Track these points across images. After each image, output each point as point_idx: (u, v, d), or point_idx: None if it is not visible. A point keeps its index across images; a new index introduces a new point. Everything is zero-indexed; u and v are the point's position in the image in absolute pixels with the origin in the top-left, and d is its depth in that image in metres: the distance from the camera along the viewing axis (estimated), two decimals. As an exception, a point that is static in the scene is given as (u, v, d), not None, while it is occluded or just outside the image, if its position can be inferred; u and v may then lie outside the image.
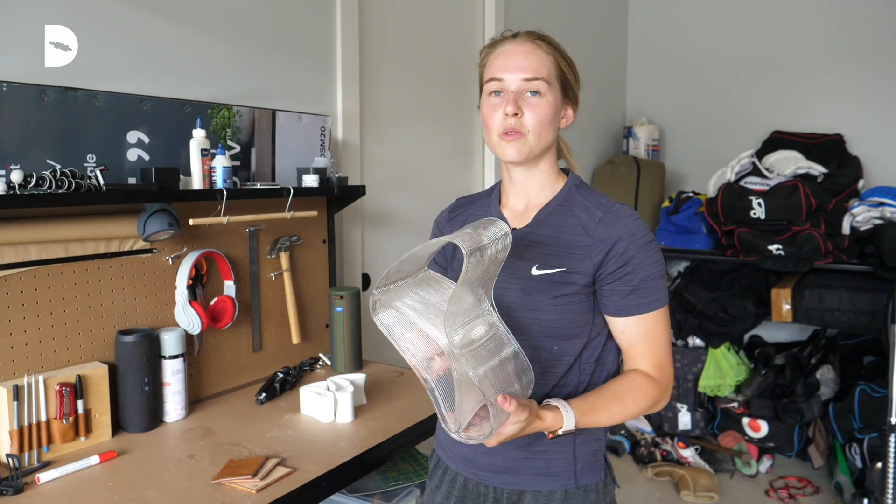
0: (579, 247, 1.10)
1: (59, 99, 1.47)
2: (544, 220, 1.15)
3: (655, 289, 1.09)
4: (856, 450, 2.85)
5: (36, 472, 1.31)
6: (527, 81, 1.09)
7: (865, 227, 2.94)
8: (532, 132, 1.10)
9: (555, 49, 1.13)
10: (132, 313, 1.62)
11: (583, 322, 1.11)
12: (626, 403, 1.07)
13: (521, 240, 1.14)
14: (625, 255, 1.07)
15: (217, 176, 1.65)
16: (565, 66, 1.13)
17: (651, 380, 1.09)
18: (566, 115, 1.17)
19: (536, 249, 1.13)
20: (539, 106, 1.10)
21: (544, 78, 1.10)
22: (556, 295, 1.09)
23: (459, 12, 2.86)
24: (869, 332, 3.06)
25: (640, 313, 1.08)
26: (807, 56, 3.56)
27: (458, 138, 2.92)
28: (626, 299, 1.08)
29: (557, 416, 1.02)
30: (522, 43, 1.12)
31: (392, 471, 1.78)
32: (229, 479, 1.29)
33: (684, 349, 3.34)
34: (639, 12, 4.09)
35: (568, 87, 1.15)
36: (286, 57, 2.07)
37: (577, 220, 1.12)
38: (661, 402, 1.10)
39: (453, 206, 1.31)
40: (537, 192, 1.18)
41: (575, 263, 1.09)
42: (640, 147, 3.84)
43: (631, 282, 1.07)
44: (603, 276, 1.09)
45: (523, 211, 1.18)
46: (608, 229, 1.09)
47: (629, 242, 1.07)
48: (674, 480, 3.02)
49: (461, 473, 1.20)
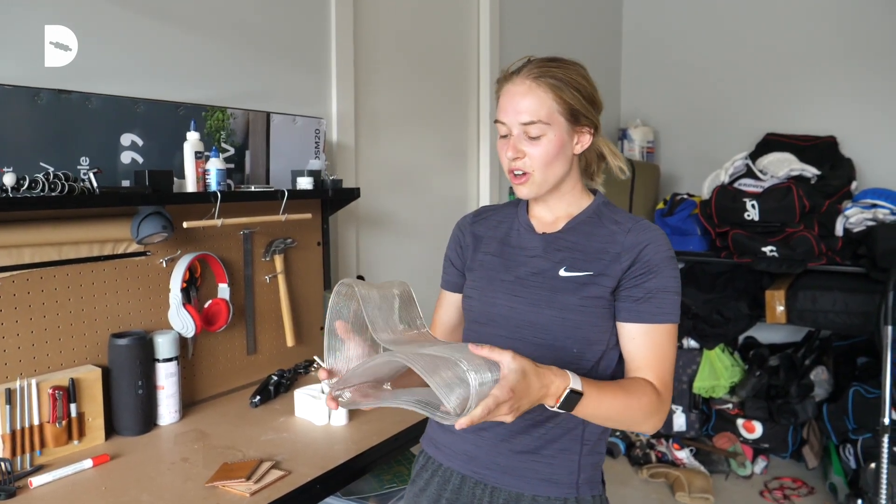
0: (608, 253, 1.12)
1: (53, 101, 1.47)
2: (575, 227, 1.17)
3: (670, 303, 1.10)
4: (850, 450, 2.86)
5: (28, 477, 1.30)
6: (525, 126, 1.11)
7: (858, 228, 2.95)
8: (537, 171, 1.12)
9: (558, 82, 1.10)
10: (126, 316, 1.62)
11: (604, 328, 1.12)
12: (630, 398, 1.05)
13: (551, 244, 1.16)
14: (650, 262, 1.09)
15: (211, 178, 1.65)
16: (572, 97, 1.11)
17: (654, 387, 1.08)
18: (581, 141, 1.15)
19: (565, 253, 1.15)
20: (540, 146, 1.11)
21: (542, 120, 1.10)
22: (583, 296, 1.10)
23: (454, 15, 2.87)
24: (862, 333, 3.07)
25: (652, 322, 1.09)
26: (800, 58, 3.58)
27: (452, 141, 2.92)
28: (641, 305, 1.09)
29: (562, 374, 0.96)
30: (522, 82, 1.11)
31: (387, 473, 1.78)
32: (223, 482, 1.28)
33: (679, 350, 3.34)
34: (633, 15, 4.11)
35: (578, 115, 1.12)
36: (281, 59, 2.07)
37: (608, 230, 1.15)
38: (658, 417, 1.08)
39: (478, 212, 1.32)
40: (564, 207, 1.20)
41: (603, 268, 1.11)
42: (635, 149, 3.85)
43: (649, 288, 1.09)
44: (625, 280, 1.10)
45: (552, 221, 1.20)
46: (638, 236, 1.11)
47: (655, 251, 1.10)
48: (669, 482, 3.02)
49: (459, 471, 1.19)
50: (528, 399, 0.91)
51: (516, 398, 0.88)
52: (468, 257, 1.27)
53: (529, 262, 1.17)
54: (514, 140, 1.12)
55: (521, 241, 1.20)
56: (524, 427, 1.13)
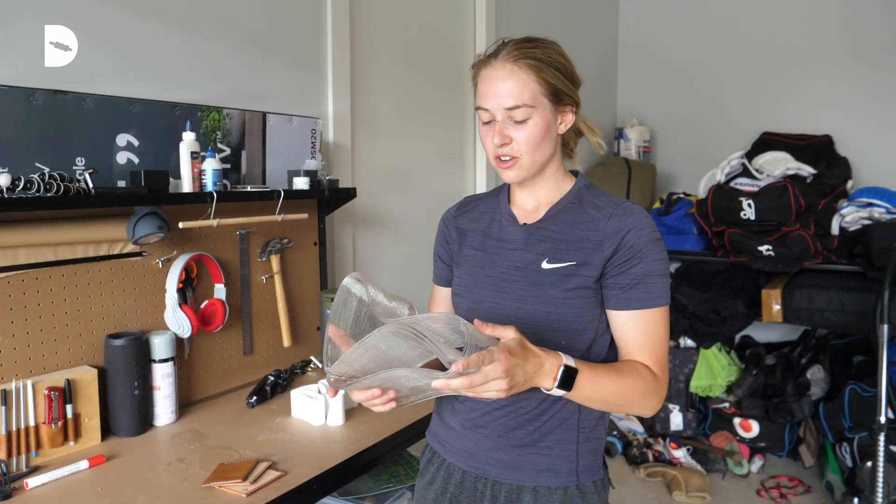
0: (590, 241, 1.11)
1: (48, 102, 1.47)
2: (555, 216, 1.16)
3: (659, 286, 1.09)
4: (846, 449, 2.87)
5: (24, 478, 1.30)
6: (509, 110, 1.09)
7: (854, 227, 2.96)
8: (525, 154, 1.11)
9: (538, 62, 1.09)
10: (122, 317, 1.62)
11: (591, 317, 1.11)
12: (626, 378, 1.04)
13: (532, 235, 1.15)
14: (633, 248, 1.08)
15: (207, 179, 1.65)
16: (553, 77, 1.10)
17: (650, 370, 1.08)
18: (564, 121, 1.15)
19: (547, 244, 1.14)
20: (526, 130, 1.10)
21: (527, 103, 1.08)
22: (566, 288, 1.09)
23: (450, 14, 2.87)
24: (858, 331, 3.08)
25: (642, 308, 1.08)
26: (796, 57, 3.59)
27: (449, 140, 2.92)
28: (630, 292, 1.08)
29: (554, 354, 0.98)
30: (502, 65, 1.09)
31: (384, 473, 1.78)
32: (220, 482, 1.28)
33: (676, 350, 3.35)
34: (629, 14, 4.11)
35: (561, 94, 1.12)
36: (277, 59, 2.06)
37: (588, 216, 1.13)
38: (655, 398, 1.07)
39: (461, 203, 1.31)
40: (546, 192, 1.19)
41: (585, 257, 1.10)
42: (632, 148, 3.85)
43: (636, 274, 1.08)
44: (610, 268, 1.09)
45: (533, 209, 1.19)
46: (619, 222, 1.10)
47: (638, 236, 1.08)
48: (666, 481, 3.03)
49: (460, 467, 1.20)
50: (524, 370, 0.92)
51: (513, 364, 0.90)
52: (455, 252, 1.27)
53: (511, 255, 1.16)
54: (499, 126, 1.10)
55: (502, 234, 1.19)
56: (521, 422, 1.14)
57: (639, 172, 3.62)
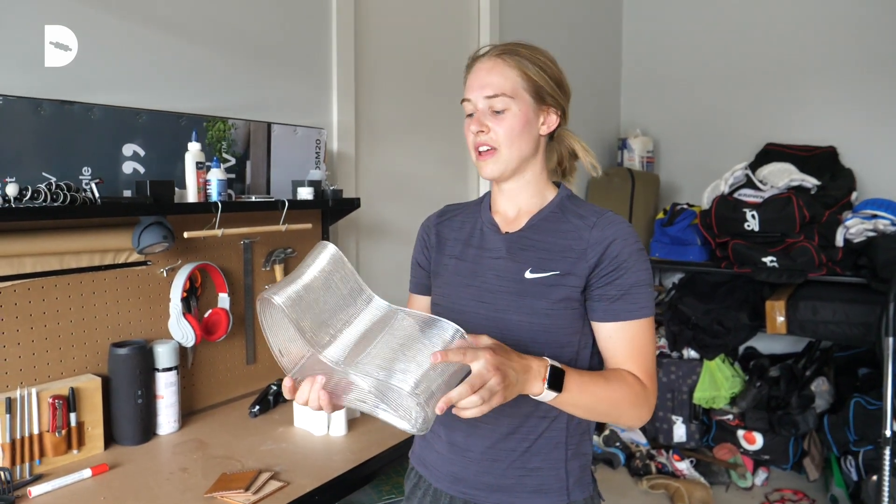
0: (574, 250, 1.10)
1: (55, 112, 1.48)
2: (538, 224, 1.15)
3: (644, 296, 1.09)
4: (851, 462, 2.85)
5: (27, 486, 1.30)
6: (489, 99, 1.11)
7: (859, 239, 2.95)
8: (503, 145, 1.12)
9: (521, 59, 1.12)
10: (126, 326, 1.62)
11: (573, 329, 1.11)
12: (614, 385, 1.03)
13: (515, 244, 1.15)
14: (618, 258, 1.07)
15: (212, 189, 1.66)
16: (536, 74, 1.12)
17: (638, 379, 1.07)
18: (547, 122, 1.16)
19: (530, 253, 1.13)
20: (505, 120, 1.11)
21: (506, 93, 1.10)
22: (550, 298, 1.09)
23: (454, 25, 2.88)
24: (863, 344, 3.06)
25: (629, 318, 1.08)
26: (800, 68, 3.59)
27: (452, 149, 2.93)
28: (616, 303, 1.08)
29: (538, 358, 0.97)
30: (487, 59, 1.13)
31: (385, 484, 1.77)
32: (222, 492, 1.28)
33: (679, 361, 3.34)
34: (633, 25, 4.13)
35: (543, 93, 1.13)
36: (282, 70, 2.08)
37: (571, 225, 1.13)
38: (646, 408, 1.07)
39: (442, 211, 1.31)
40: (527, 199, 1.18)
41: (569, 266, 1.09)
42: (635, 159, 3.86)
43: (621, 286, 1.07)
44: (595, 280, 1.09)
45: (514, 217, 1.19)
46: (603, 231, 1.09)
47: (623, 245, 1.08)
48: (669, 493, 3.01)
49: (447, 493, 1.17)
50: (513, 369, 0.92)
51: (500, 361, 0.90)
52: (433, 259, 1.26)
53: (494, 264, 1.15)
54: (478, 115, 1.12)
55: (484, 242, 1.18)
56: (508, 443, 1.12)
57: (642, 183, 3.63)
